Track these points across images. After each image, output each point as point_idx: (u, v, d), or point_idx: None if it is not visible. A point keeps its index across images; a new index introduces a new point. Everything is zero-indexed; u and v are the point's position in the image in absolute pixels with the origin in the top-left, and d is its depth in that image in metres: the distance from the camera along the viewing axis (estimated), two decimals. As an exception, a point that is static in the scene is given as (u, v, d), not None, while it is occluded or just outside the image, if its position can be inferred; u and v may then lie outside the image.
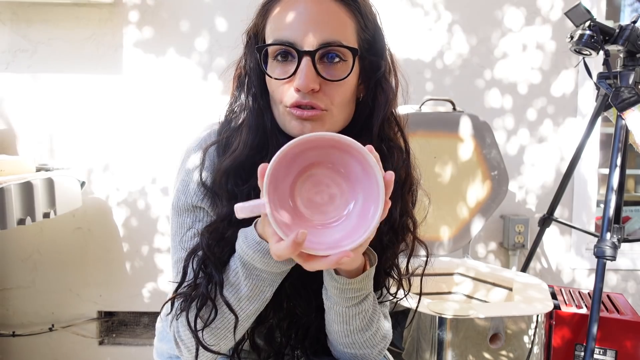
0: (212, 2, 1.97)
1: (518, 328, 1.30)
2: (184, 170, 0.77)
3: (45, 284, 2.02)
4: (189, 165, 0.76)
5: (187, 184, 0.75)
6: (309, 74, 0.66)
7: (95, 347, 2.05)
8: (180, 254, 0.76)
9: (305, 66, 0.66)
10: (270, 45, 0.69)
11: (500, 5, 2.03)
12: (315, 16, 0.67)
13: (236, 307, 0.69)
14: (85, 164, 1.99)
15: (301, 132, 0.68)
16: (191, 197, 0.74)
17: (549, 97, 2.07)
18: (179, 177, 0.77)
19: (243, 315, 0.70)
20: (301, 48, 0.67)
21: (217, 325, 0.71)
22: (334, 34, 0.67)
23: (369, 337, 0.76)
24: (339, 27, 0.68)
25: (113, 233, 2.02)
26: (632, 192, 2.87)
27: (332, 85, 0.68)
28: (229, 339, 0.72)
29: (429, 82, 2.05)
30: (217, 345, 0.72)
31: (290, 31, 0.67)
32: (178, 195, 0.76)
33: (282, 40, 0.67)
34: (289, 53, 0.68)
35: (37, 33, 1.95)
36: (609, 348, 1.46)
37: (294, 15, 0.68)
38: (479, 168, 1.69)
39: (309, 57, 0.66)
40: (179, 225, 0.76)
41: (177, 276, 0.75)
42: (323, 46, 0.67)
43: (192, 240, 0.75)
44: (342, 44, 0.68)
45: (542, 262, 2.13)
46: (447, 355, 1.28)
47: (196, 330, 0.70)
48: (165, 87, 1.99)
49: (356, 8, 0.71)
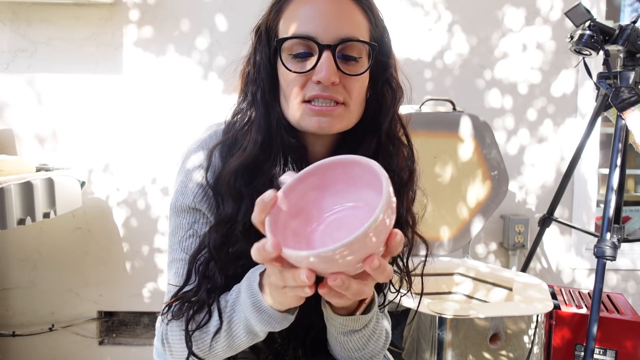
0: (212, 2, 1.97)
1: (518, 328, 1.30)
2: (183, 171, 0.76)
3: (45, 284, 2.02)
4: (188, 166, 0.76)
5: (185, 185, 0.75)
6: (331, 67, 0.67)
7: (95, 347, 2.05)
8: (176, 255, 0.75)
9: (327, 59, 0.67)
10: (292, 39, 0.69)
11: (500, 6, 2.03)
12: (334, 12, 0.69)
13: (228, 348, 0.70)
14: (86, 164, 1.99)
15: (320, 127, 0.69)
16: (189, 199, 0.74)
17: (549, 97, 2.07)
18: (178, 178, 0.77)
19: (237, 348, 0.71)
20: (322, 42, 0.68)
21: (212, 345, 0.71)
22: (353, 30, 0.69)
23: (368, 351, 0.77)
24: (355, 24, 0.70)
25: (113, 233, 2.02)
26: (632, 192, 2.87)
27: (350, 79, 0.70)
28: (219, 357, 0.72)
29: (429, 82, 2.05)
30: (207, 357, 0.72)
31: (311, 26, 0.68)
32: (176, 196, 0.75)
33: (303, 34, 0.68)
34: (308, 48, 0.69)
35: (37, 33, 1.95)
36: (609, 348, 1.46)
37: (313, 11, 0.69)
38: (479, 168, 1.69)
39: (329, 51, 0.67)
40: (177, 226, 0.76)
41: (174, 277, 0.75)
42: (343, 41, 0.68)
43: (189, 240, 0.74)
44: (360, 39, 0.69)
45: (542, 262, 2.13)
46: (447, 355, 1.28)
47: (189, 336, 0.69)
48: (165, 86, 1.99)
49: (368, 7, 0.73)
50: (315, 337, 0.82)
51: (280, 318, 0.64)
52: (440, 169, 1.68)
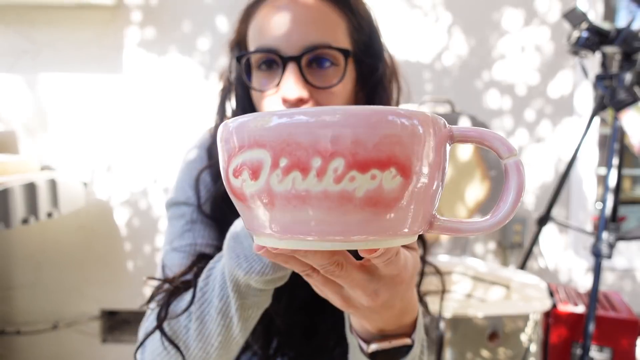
0: (213, 3, 1.99)
1: (516, 326, 1.32)
2: (179, 170, 0.76)
3: (48, 282, 2.04)
4: (184, 165, 0.76)
5: (181, 182, 0.74)
6: (296, 82, 0.59)
7: (98, 345, 2.07)
8: (171, 245, 0.68)
9: (291, 73, 0.59)
10: (251, 54, 0.62)
11: (498, 7, 2.05)
12: (300, 17, 0.59)
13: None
14: (88, 164, 2.01)
15: None
16: (184, 194, 0.72)
17: (547, 98, 2.09)
18: (176, 177, 0.77)
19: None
20: (285, 54, 0.59)
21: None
22: (323, 36, 0.60)
23: None
24: (327, 27, 0.60)
25: (115, 232, 2.04)
26: (629, 192, 2.89)
27: (323, 93, 0.61)
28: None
29: (428, 83, 2.06)
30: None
31: (273, 36, 0.60)
32: (171, 194, 0.75)
33: (264, 47, 0.60)
34: (273, 61, 0.61)
35: (40, 35, 1.96)
36: (605, 346, 1.47)
37: (276, 18, 0.60)
38: (478, 168, 1.71)
39: (294, 63, 0.59)
40: (171, 219, 0.73)
41: (164, 267, 0.67)
42: (309, 50, 0.59)
43: (184, 230, 0.69)
44: (330, 45, 0.60)
45: (539, 261, 2.15)
46: (446, 354, 1.29)
47: (164, 312, 0.56)
48: (167, 87, 2.00)
49: (347, 6, 0.63)
50: (303, 339, 0.71)
51: (253, 256, 0.49)
52: (439, 169, 1.69)
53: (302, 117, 0.29)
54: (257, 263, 0.49)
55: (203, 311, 0.54)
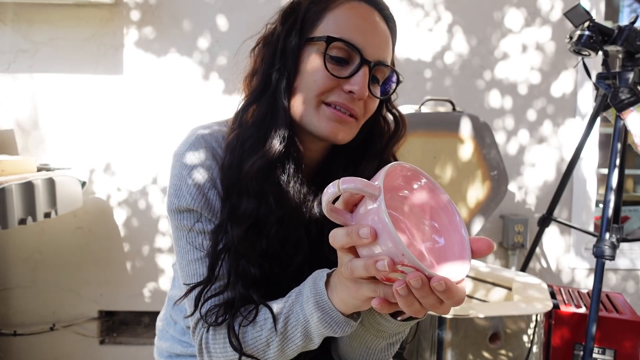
0: (213, 2, 1.98)
1: (517, 327, 1.31)
2: (174, 173, 0.75)
3: (46, 283, 2.03)
4: (182, 166, 0.74)
5: (179, 187, 0.73)
6: (366, 84, 0.69)
7: (96, 347, 2.06)
8: (190, 256, 0.72)
9: (365, 75, 0.68)
10: (341, 41, 0.68)
11: (500, 6, 2.04)
12: (380, 32, 0.71)
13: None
14: (87, 164, 2.00)
15: (334, 132, 0.69)
16: (186, 200, 0.71)
17: (549, 97, 2.08)
18: (170, 182, 0.75)
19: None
20: (366, 57, 0.69)
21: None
22: (387, 55, 0.73)
23: (389, 353, 0.76)
24: (389, 50, 0.74)
25: (114, 233, 2.03)
26: (631, 192, 2.88)
27: (371, 99, 0.72)
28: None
29: (429, 82, 2.05)
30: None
31: (362, 37, 0.69)
32: (171, 200, 0.73)
33: (352, 42, 0.69)
34: (349, 56, 0.70)
35: (38, 33, 1.95)
36: (607, 347, 1.46)
37: (365, 24, 0.70)
38: (479, 168, 1.70)
39: (368, 68, 0.69)
40: (180, 228, 0.73)
41: (192, 277, 0.71)
42: (380, 63, 0.71)
43: (198, 237, 0.71)
44: (393, 67, 0.74)
45: (541, 261, 2.14)
46: (447, 355, 1.28)
47: (237, 336, 0.67)
48: (166, 86, 1.99)
49: (394, 38, 0.76)
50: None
51: (342, 321, 0.61)
52: (440, 169, 1.68)
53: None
54: (348, 327, 0.62)
55: (285, 345, 0.67)
